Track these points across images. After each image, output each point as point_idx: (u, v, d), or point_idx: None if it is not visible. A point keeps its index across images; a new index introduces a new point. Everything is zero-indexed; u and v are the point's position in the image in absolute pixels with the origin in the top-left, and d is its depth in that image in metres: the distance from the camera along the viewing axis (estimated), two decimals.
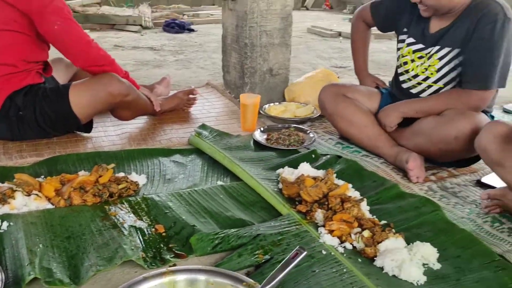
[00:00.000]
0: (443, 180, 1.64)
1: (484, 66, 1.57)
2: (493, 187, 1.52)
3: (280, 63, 2.44)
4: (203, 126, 1.97)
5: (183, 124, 2.10)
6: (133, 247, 1.12)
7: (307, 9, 8.88)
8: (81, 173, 1.43)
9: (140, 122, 2.09)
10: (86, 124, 1.84)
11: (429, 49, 1.72)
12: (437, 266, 1.14)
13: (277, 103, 2.34)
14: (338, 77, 2.55)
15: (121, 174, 1.46)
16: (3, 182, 1.34)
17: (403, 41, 1.84)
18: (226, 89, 2.64)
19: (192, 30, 5.21)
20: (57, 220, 1.22)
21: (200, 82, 2.94)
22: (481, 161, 1.69)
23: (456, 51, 1.65)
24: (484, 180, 1.63)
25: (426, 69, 1.73)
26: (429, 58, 1.72)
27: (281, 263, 0.95)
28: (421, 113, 1.69)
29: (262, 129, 1.99)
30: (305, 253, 0.97)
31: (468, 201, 1.50)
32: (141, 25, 5.04)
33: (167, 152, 1.74)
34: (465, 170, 1.72)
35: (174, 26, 5.04)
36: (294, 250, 0.97)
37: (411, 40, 1.79)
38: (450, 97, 1.66)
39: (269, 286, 0.90)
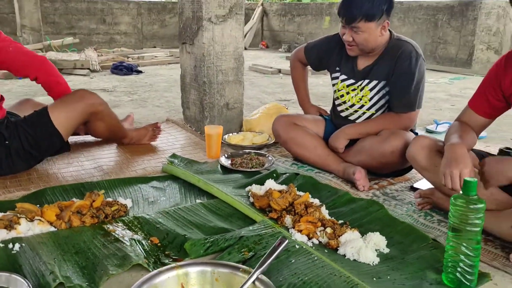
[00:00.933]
0: (384, 187, 1.97)
1: (407, 94, 1.94)
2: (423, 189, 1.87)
3: (235, 98, 2.73)
4: (173, 156, 2.19)
5: (153, 156, 2.30)
6: (137, 255, 1.30)
7: (245, 48, 9.40)
8: (75, 200, 1.58)
9: (112, 155, 2.26)
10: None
11: (360, 82, 2.07)
12: (386, 250, 1.42)
13: (235, 133, 2.61)
14: (287, 108, 2.88)
15: (109, 199, 1.63)
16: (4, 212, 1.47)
17: (336, 78, 2.17)
18: (186, 124, 2.87)
19: (140, 72, 5.42)
20: (62, 240, 1.37)
21: (159, 119, 3.14)
22: (412, 171, 2.06)
23: (382, 83, 2.01)
24: (416, 185, 1.97)
25: (360, 99, 2.07)
26: (361, 90, 2.07)
27: (268, 250, 1.18)
28: (363, 135, 2.03)
29: (226, 155, 2.24)
30: (287, 241, 1.21)
31: (405, 202, 1.82)
32: (89, 68, 5.17)
33: (145, 180, 1.93)
34: (400, 179, 2.07)
35: (123, 69, 5.22)
36: (278, 240, 1.21)
37: (344, 77, 2.12)
38: (385, 120, 2.01)
39: (261, 269, 1.13)
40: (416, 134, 2.10)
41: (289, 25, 9.33)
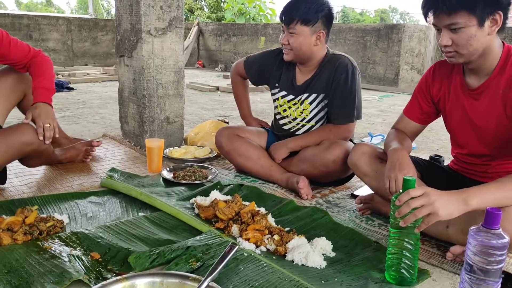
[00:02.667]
0: (326, 196, 2.02)
1: (345, 105, 2.02)
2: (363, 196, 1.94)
3: (175, 112, 2.69)
4: (113, 170, 2.10)
5: (91, 171, 2.19)
6: (77, 271, 1.22)
7: None
8: (4, 217, 1.46)
9: (45, 172, 2.12)
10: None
11: (300, 97, 2.13)
12: (332, 254, 1.45)
13: (177, 147, 2.56)
14: (227, 122, 2.88)
15: (43, 215, 1.52)
16: None
17: (276, 93, 2.22)
18: (124, 139, 2.78)
19: (72, 89, 5.20)
20: None
21: (94, 135, 3.01)
22: (352, 180, 2.14)
23: (321, 95, 2.08)
24: (356, 192, 2.05)
25: (301, 112, 2.13)
26: (301, 104, 2.13)
27: (219, 257, 1.16)
28: (304, 146, 2.08)
29: (168, 169, 2.18)
30: (237, 247, 1.19)
31: (347, 209, 1.88)
32: None
33: (82, 195, 1.82)
34: (341, 187, 2.13)
35: None
36: (228, 246, 1.19)
37: (284, 93, 2.18)
38: (324, 132, 2.08)
39: (211, 276, 1.10)
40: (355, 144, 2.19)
41: (226, 45, 9.44)
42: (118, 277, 1.08)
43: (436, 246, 1.53)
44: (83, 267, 1.26)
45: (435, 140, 3.28)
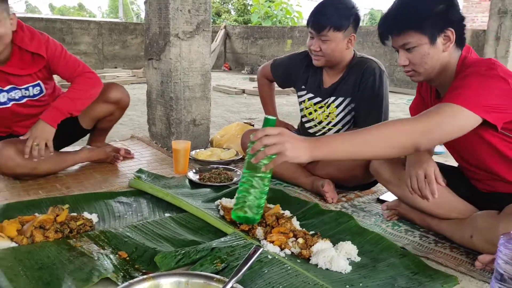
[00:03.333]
0: (352, 200, 2.00)
1: (372, 109, 2.00)
2: (389, 201, 1.91)
3: (202, 114, 2.72)
4: (140, 171, 2.14)
5: (119, 172, 2.24)
6: (105, 269, 1.25)
7: None
8: (37, 215, 1.51)
9: (75, 172, 2.18)
10: None
11: (326, 100, 2.12)
12: (357, 259, 1.44)
13: (203, 149, 2.59)
14: (253, 125, 2.90)
15: (74, 214, 1.56)
16: None
17: (302, 96, 2.21)
18: (152, 140, 2.83)
19: None
20: (24, 255, 1.29)
21: (122, 136, 3.08)
22: (378, 184, 2.11)
23: (348, 99, 2.07)
24: (382, 197, 2.02)
25: (327, 115, 2.12)
26: (328, 107, 2.12)
27: (243, 259, 1.17)
28: None
29: (194, 170, 2.21)
30: (261, 249, 1.20)
31: (372, 214, 1.86)
32: None
33: (111, 195, 1.86)
34: (367, 192, 2.11)
35: None
36: (252, 248, 1.20)
37: (311, 95, 2.17)
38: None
39: (236, 277, 1.11)
40: None
41: (252, 48, 9.48)
42: (145, 276, 1.10)
43: (465, 253, 1.50)
44: (111, 265, 1.29)
45: None
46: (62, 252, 1.34)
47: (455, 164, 1.71)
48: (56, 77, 2.26)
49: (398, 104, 5.32)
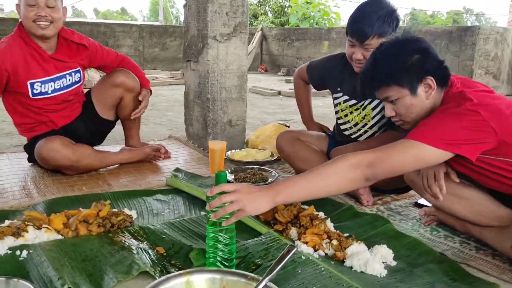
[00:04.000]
0: (388, 203, 1.97)
1: None
2: (427, 206, 1.87)
3: (238, 115, 2.75)
4: (177, 170, 2.19)
5: (157, 170, 2.30)
6: (144, 263, 1.30)
7: None
8: (81, 209, 1.58)
9: (116, 170, 2.27)
10: None
11: (362, 102, 2.09)
12: (393, 263, 1.42)
13: (238, 149, 2.62)
14: (288, 126, 2.90)
15: (114, 210, 1.63)
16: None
17: (338, 98, 2.18)
18: (189, 140, 2.89)
19: None
20: (69, 247, 1.36)
21: (160, 136, 3.16)
22: None
23: (382, 104, 2.01)
24: (420, 201, 1.97)
25: (363, 118, 2.09)
26: (363, 109, 2.09)
27: (276, 259, 1.18)
28: None
29: (229, 170, 2.24)
30: (295, 249, 1.20)
31: (410, 218, 1.82)
32: (90, 88, 5.20)
33: (150, 193, 1.92)
34: (404, 195, 2.07)
35: None
36: (286, 248, 1.21)
37: (346, 97, 2.13)
38: (387, 138, 2.01)
39: (269, 276, 1.12)
40: None
41: (288, 50, 9.48)
42: (181, 272, 1.13)
43: (508, 261, 1.45)
44: (149, 260, 1.34)
45: None
46: (104, 245, 1.40)
47: None
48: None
49: None
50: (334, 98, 2.23)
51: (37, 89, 2.09)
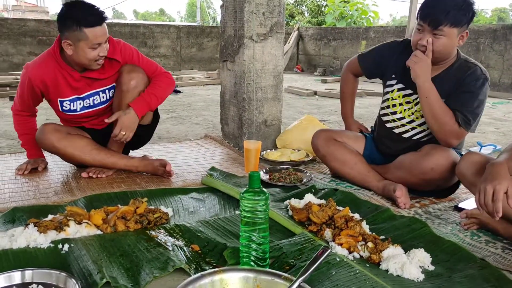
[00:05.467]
0: (426, 206, 1.92)
1: (469, 112, 1.83)
2: (468, 210, 1.80)
3: (273, 115, 2.75)
4: (213, 169, 2.22)
5: (192, 169, 2.34)
6: (179, 260, 1.32)
7: None
8: (120, 206, 1.63)
9: None
10: None
11: (417, 96, 1.94)
12: (431, 268, 1.38)
13: (273, 149, 2.62)
14: (320, 120, 2.87)
15: (151, 207, 1.66)
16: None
17: (391, 85, 2.06)
18: (224, 139, 2.92)
19: (179, 92, 5.57)
20: (108, 242, 1.41)
21: (197, 135, 3.21)
22: (456, 191, 2.00)
23: (443, 100, 1.87)
24: (461, 205, 1.91)
25: (412, 113, 1.99)
26: (416, 104, 1.97)
27: (310, 260, 1.17)
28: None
29: (264, 170, 2.25)
30: (329, 250, 1.19)
31: (449, 222, 1.77)
32: None
33: (185, 191, 1.96)
34: (443, 199, 2.01)
35: None
36: (320, 249, 1.20)
37: (401, 85, 2.02)
38: (448, 113, 1.84)
39: (303, 277, 1.11)
40: (461, 155, 2.03)
41: (325, 49, 9.39)
42: (215, 269, 1.14)
43: None
44: (184, 257, 1.36)
45: None
46: (141, 241, 1.43)
47: None
48: None
49: None
50: (387, 86, 2.10)
51: (66, 107, 2.13)
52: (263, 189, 1.28)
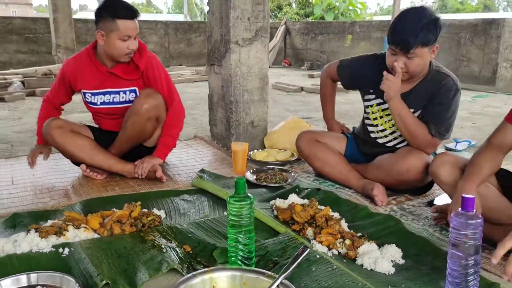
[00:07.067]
0: (402, 203, 2.06)
1: (441, 123, 1.97)
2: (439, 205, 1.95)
3: (259, 116, 2.87)
4: (202, 171, 2.34)
5: (183, 170, 2.45)
6: (172, 260, 1.44)
7: (269, 66, 9.59)
8: (115, 210, 1.74)
9: None
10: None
11: None
12: (401, 261, 1.52)
13: (260, 149, 2.74)
14: (306, 118, 3.00)
15: (145, 210, 1.78)
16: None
17: (370, 100, 2.17)
18: (213, 140, 3.03)
19: None
20: (106, 245, 1.52)
21: (186, 135, 3.30)
22: (429, 190, 2.14)
23: (419, 111, 2.02)
24: (435, 202, 2.06)
25: (393, 125, 2.10)
26: None
27: (291, 258, 1.30)
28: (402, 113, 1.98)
29: (251, 171, 2.37)
30: (308, 250, 1.32)
31: (421, 217, 1.91)
32: None
33: (177, 193, 2.07)
34: (418, 196, 2.15)
35: None
36: (300, 248, 1.33)
37: (380, 100, 2.11)
38: (421, 126, 1.98)
39: (285, 274, 1.24)
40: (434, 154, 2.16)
41: (312, 43, 9.50)
42: (205, 269, 1.27)
43: None
44: (177, 258, 1.48)
45: None
46: (136, 244, 1.55)
47: None
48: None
49: (462, 102, 5.07)
50: (366, 100, 2.21)
51: (88, 98, 2.32)
52: (248, 194, 1.40)
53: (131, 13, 2.13)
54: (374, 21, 9.35)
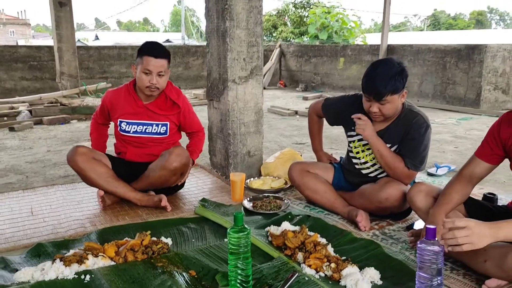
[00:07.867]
0: (383, 227, 2.30)
1: (416, 157, 2.22)
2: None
3: (255, 147, 3.12)
4: (204, 200, 2.57)
5: (187, 199, 2.69)
6: (180, 284, 1.67)
7: (264, 88, 9.90)
8: (128, 239, 1.97)
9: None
10: None
11: None
12: (380, 282, 1.75)
13: (256, 178, 2.98)
14: (301, 155, 3.26)
15: (154, 238, 2.01)
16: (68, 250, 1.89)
17: (352, 136, 2.44)
18: (213, 169, 3.27)
19: None
20: (121, 272, 1.75)
21: None
22: (409, 215, 2.38)
23: (395, 146, 2.28)
24: (415, 226, 2.29)
25: (374, 158, 2.36)
26: None
27: (282, 282, 1.54)
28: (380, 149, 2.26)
29: (248, 199, 2.61)
30: (297, 274, 1.56)
31: (400, 241, 2.15)
32: None
33: (182, 221, 2.31)
34: (399, 220, 2.39)
35: None
36: (290, 273, 1.56)
37: (360, 137, 2.34)
38: (398, 160, 2.24)
39: None
40: (413, 182, 2.40)
41: (306, 66, 9.82)
42: None
43: (475, 280, 1.76)
44: (184, 282, 1.71)
45: (503, 171, 3.33)
46: (148, 270, 1.78)
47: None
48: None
49: (447, 124, 5.39)
50: (348, 136, 2.48)
51: (122, 127, 2.60)
52: (245, 226, 1.63)
53: (157, 53, 2.45)
54: (365, 45, 9.71)
